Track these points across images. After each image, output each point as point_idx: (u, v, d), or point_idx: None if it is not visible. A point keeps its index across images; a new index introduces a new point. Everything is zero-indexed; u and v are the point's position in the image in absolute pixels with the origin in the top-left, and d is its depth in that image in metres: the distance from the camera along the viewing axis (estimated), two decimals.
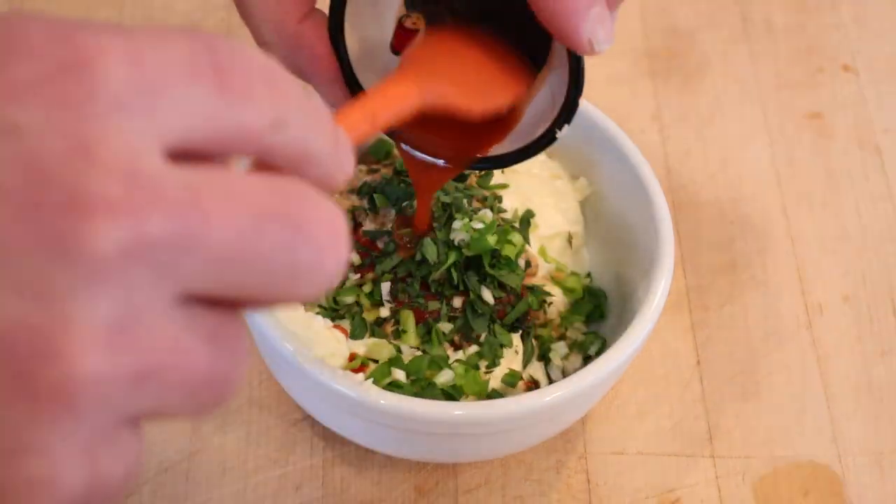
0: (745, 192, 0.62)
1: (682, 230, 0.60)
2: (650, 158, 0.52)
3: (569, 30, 0.37)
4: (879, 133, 0.65)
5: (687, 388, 0.55)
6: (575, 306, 0.52)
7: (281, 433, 0.52)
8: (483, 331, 0.49)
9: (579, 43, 0.37)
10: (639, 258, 0.50)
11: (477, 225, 0.49)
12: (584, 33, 0.37)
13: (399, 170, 0.52)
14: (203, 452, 0.51)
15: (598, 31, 0.37)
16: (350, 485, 0.51)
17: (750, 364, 0.56)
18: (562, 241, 0.53)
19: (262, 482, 0.51)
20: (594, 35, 0.37)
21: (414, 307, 0.49)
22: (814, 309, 0.58)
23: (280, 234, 0.23)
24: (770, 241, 0.60)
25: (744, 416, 0.54)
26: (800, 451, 0.53)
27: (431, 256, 0.48)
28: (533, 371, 0.50)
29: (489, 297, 0.49)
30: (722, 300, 0.58)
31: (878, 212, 0.62)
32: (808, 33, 0.69)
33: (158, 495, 0.50)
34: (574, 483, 0.51)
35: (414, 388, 0.47)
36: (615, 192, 0.53)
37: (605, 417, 0.54)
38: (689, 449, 0.53)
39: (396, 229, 0.50)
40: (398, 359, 0.47)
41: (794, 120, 0.65)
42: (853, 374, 0.56)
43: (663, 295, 0.47)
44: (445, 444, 0.47)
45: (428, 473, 0.51)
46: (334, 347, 0.48)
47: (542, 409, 0.44)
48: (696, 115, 0.65)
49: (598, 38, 0.37)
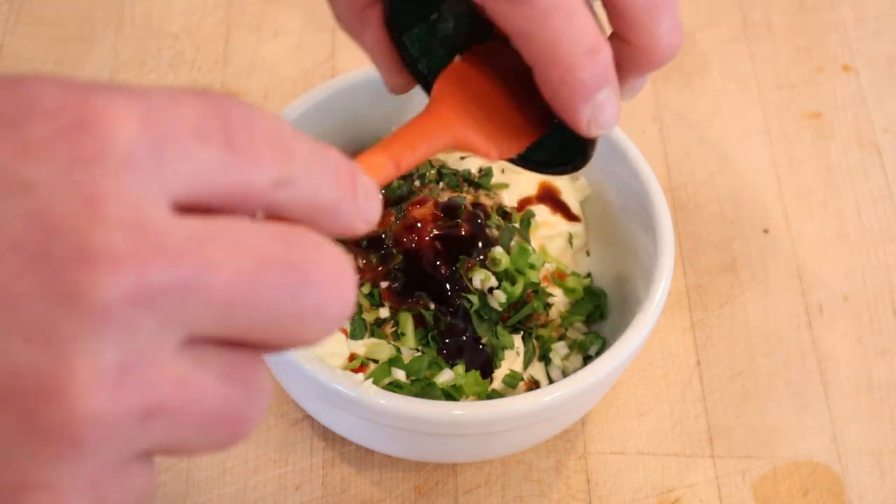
0: (745, 192, 0.62)
1: (682, 230, 0.60)
2: (650, 158, 0.52)
3: (569, 113, 0.35)
4: (879, 133, 0.65)
5: (687, 387, 0.55)
6: (575, 306, 0.52)
7: (281, 433, 0.52)
8: (487, 334, 0.49)
9: (578, 126, 0.35)
10: (639, 258, 0.50)
11: (495, 269, 0.49)
12: (583, 115, 0.35)
13: None
14: None
15: (600, 114, 0.35)
16: (350, 485, 0.51)
17: (750, 364, 0.56)
18: (562, 241, 0.53)
19: (261, 482, 0.51)
20: (595, 118, 0.35)
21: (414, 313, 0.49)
22: (814, 309, 0.58)
23: (283, 279, 0.23)
24: (770, 241, 0.60)
25: (744, 416, 0.54)
26: (800, 450, 0.53)
27: None
28: (533, 371, 0.50)
29: (496, 304, 0.49)
30: (722, 300, 0.58)
31: (878, 211, 0.62)
32: (807, 33, 0.69)
33: (158, 495, 0.50)
34: (574, 483, 0.51)
35: (414, 388, 0.47)
36: (615, 192, 0.53)
37: (605, 417, 0.54)
38: (689, 449, 0.53)
39: (397, 230, 0.50)
40: (398, 359, 0.47)
41: (794, 120, 0.65)
42: (853, 374, 0.56)
43: (663, 295, 0.47)
44: (445, 444, 0.47)
45: (428, 473, 0.51)
46: (334, 347, 0.48)
47: (542, 409, 0.44)
48: (696, 115, 0.65)
49: (600, 121, 0.35)
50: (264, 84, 0.65)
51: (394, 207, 0.50)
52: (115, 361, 0.22)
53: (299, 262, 0.24)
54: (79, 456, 0.22)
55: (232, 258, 0.23)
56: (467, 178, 0.53)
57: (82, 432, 0.21)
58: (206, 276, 0.22)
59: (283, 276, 0.23)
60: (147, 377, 0.22)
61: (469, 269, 0.49)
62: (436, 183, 0.52)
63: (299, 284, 0.24)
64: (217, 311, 0.23)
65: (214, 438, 0.24)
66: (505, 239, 0.50)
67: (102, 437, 0.22)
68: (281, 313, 0.24)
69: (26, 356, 0.21)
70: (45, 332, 0.21)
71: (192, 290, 0.22)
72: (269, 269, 0.23)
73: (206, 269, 0.22)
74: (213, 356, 0.24)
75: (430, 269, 0.49)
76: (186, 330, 0.23)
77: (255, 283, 0.23)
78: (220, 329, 0.23)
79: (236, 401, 0.24)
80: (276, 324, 0.24)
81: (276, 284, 0.23)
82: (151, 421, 0.22)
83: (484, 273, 0.49)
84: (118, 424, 0.22)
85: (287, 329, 0.24)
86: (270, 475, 0.51)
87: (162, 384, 0.22)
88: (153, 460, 0.24)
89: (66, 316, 0.21)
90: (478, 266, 0.49)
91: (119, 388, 0.22)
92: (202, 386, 0.23)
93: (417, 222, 0.49)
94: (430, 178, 0.52)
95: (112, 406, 0.21)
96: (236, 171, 0.24)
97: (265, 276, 0.23)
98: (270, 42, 0.67)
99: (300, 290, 0.24)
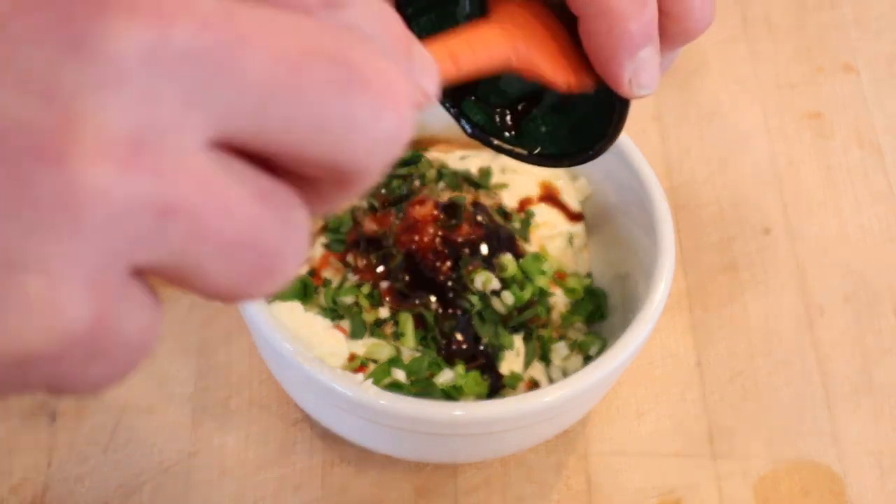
0: (746, 192, 0.62)
1: (682, 230, 0.60)
2: (650, 158, 0.52)
3: (612, 67, 0.34)
4: (880, 132, 0.65)
5: (687, 388, 0.55)
6: (576, 307, 0.52)
7: (281, 433, 0.52)
8: (489, 336, 0.49)
9: (619, 83, 0.35)
10: (639, 258, 0.50)
11: (500, 276, 0.49)
12: (626, 71, 0.34)
13: (397, 174, 0.52)
14: (203, 453, 0.51)
15: (642, 73, 0.35)
16: (350, 485, 0.51)
17: (750, 364, 0.56)
18: (562, 241, 0.53)
19: (261, 482, 0.51)
20: (637, 76, 0.35)
21: (414, 313, 0.49)
22: (814, 309, 0.58)
23: (332, 72, 0.20)
24: (770, 241, 0.60)
25: (744, 417, 0.54)
26: (800, 451, 0.53)
27: None
28: (533, 372, 0.50)
29: (500, 306, 0.49)
30: (722, 300, 0.58)
31: (879, 211, 0.62)
32: (808, 32, 0.69)
33: (158, 496, 0.50)
34: (574, 483, 0.51)
35: (414, 388, 0.47)
36: (615, 192, 0.53)
37: (606, 418, 0.53)
38: (690, 449, 0.53)
39: (397, 230, 0.50)
40: (398, 359, 0.47)
41: (795, 119, 0.65)
42: (853, 374, 0.56)
43: (664, 295, 0.47)
44: (445, 444, 0.47)
45: (428, 474, 0.51)
46: (334, 347, 0.47)
47: (542, 410, 0.44)
48: (696, 114, 0.65)
49: (641, 80, 0.35)
50: None
51: (394, 207, 0.50)
52: (128, 128, 0.18)
53: (352, 58, 0.20)
54: (77, 233, 0.18)
55: (271, 38, 0.19)
56: (467, 178, 0.53)
57: (83, 205, 0.18)
58: (242, 52, 0.19)
59: (331, 69, 0.20)
60: (166, 162, 0.18)
61: (471, 270, 0.49)
62: (436, 183, 0.52)
63: (350, 81, 0.20)
64: (252, 101, 0.19)
65: (239, 269, 0.20)
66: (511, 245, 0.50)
67: (106, 218, 0.18)
68: (326, 113, 0.20)
69: (20, 109, 0.18)
70: (44, 82, 0.18)
71: (224, 65, 0.19)
72: (316, 58, 0.20)
73: (242, 44, 0.19)
74: (248, 173, 0.20)
75: (431, 270, 0.49)
76: (215, 122, 0.19)
77: (298, 71, 0.19)
78: (254, 130, 0.19)
79: (270, 227, 0.20)
80: (319, 129, 0.20)
81: (323, 77, 0.20)
82: (167, 220, 0.19)
83: (486, 275, 0.49)
84: (127, 209, 0.18)
85: (332, 141, 0.20)
86: (270, 475, 0.51)
87: (183, 179, 0.19)
88: (160, 305, 0.21)
89: (70, 64, 0.18)
90: (481, 268, 0.49)
91: (131, 163, 0.18)
92: (231, 196, 0.19)
93: (418, 222, 0.49)
94: (430, 179, 0.52)
95: (121, 183, 0.18)
96: None
97: (311, 64, 0.19)
98: None
99: (350, 88, 0.20)
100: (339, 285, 0.49)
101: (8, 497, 0.49)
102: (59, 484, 0.50)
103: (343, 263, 0.50)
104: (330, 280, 0.50)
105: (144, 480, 0.50)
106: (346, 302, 0.49)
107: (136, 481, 0.50)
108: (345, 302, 0.49)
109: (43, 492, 0.50)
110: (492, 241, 0.50)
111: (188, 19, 0.18)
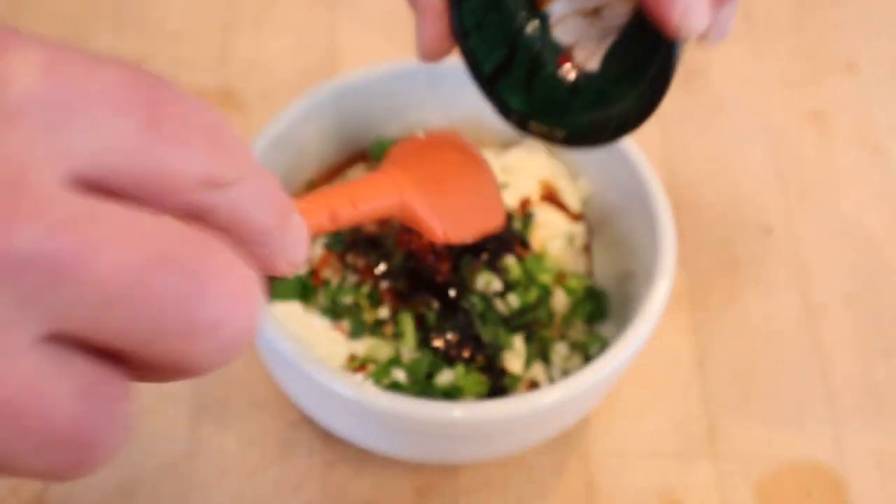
0: (746, 192, 0.62)
1: (682, 230, 0.60)
2: (651, 158, 0.52)
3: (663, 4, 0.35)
4: (882, 132, 0.65)
5: (688, 388, 0.55)
6: (576, 307, 0.52)
7: (280, 433, 0.52)
8: (489, 336, 0.49)
9: (668, 18, 0.35)
10: (639, 258, 0.50)
11: (502, 277, 0.49)
12: (677, 8, 0.35)
13: None
14: (202, 453, 0.51)
15: (692, 13, 0.35)
16: (349, 486, 0.51)
17: (751, 364, 0.56)
18: (562, 241, 0.53)
19: (261, 483, 0.50)
20: (687, 15, 0.35)
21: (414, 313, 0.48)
22: (814, 309, 0.58)
23: (177, 283, 0.20)
24: (771, 240, 0.60)
25: (745, 417, 0.54)
26: (801, 451, 0.53)
27: None
28: (534, 372, 0.50)
29: (504, 308, 0.49)
30: (722, 300, 0.58)
31: (880, 211, 0.62)
32: (810, 32, 0.69)
33: (157, 496, 0.50)
34: (575, 484, 0.51)
35: (414, 388, 0.47)
36: (615, 192, 0.53)
37: (606, 418, 0.53)
38: (690, 449, 0.53)
39: (397, 230, 0.50)
40: (398, 359, 0.47)
41: (796, 119, 0.65)
42: (855, 374, 0.55)
43: (664, 295, 0.47)
44: (445, 444, 0.47)
45: (428, 474, 0.51)
46: (334, 348, 0.47)
47: (543, 410, 0.44)
48: (696, 114, 0.65)
49: (691, 20, 0.35)
50: (264, 84, 0.65)
51: None
52: None
53: (200, 270, 0.20)
54: None
55: (122, 246, 0.19)
56: None
57: None
58: (87, 257, 0.19)
59: (176, 279, 0.20)
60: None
61: (473, 270, 0.49)
62: None
63: (194, 293, 0.20)
64: (91, 304, 0.19)
65: (53, 461, 0.20)
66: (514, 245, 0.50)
67: None
68: (167, 321, 0.20)
69: None
70: None
71: (66, 269, 0.19)
72: (161, 268, 0.20)
73: (88, 250, 0.19)
74: (76, 364, 0.20)
75: (431, 270, 0.48)
76: (51, 320, 0.19)
77: (142, 280, 0.19)
78: (92, 328, 0.20)
79: (89, 423, 0.20)
80: (159, 336, 0.20)
81: (167, 287, 0.20)
82: None
83: (487, 276, 0.48)
84: None
85: (171, 344, 0.20)
86: (270, 476, 0.51)
87: (8, 380, 0.19)
88: None
89: None
90: (483, 269, 0.49)
91: None
92: (53, 394, 0.20)
93: None
94: None
95: None
96: (156, 155, 0.20)
97: (156, 274, 0.20)
98: (270, 42, 0.67)
99: (194, 299, 0.20)
100: (338, 285, 0.49)
101: (8, 497, 0.49)
102: (59, 484, 0.50)
103: (343, 263, 0.50)
104: (330, 280, 0.50)
105: (144, 481, 0.50)
106: (346, 302, 0.49)
107: (135, 482, 0.50)
108: (344, 302, 0.49)
109: (42, 492, 0.50)
110: (492, 241, 0.50)
111: (37, 223, 0.18)
